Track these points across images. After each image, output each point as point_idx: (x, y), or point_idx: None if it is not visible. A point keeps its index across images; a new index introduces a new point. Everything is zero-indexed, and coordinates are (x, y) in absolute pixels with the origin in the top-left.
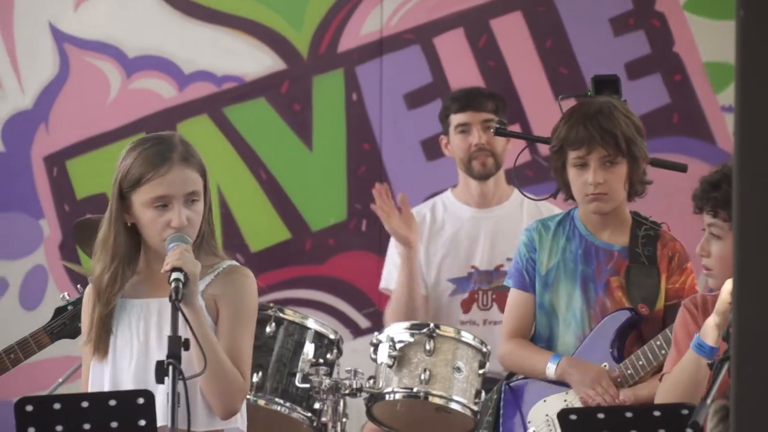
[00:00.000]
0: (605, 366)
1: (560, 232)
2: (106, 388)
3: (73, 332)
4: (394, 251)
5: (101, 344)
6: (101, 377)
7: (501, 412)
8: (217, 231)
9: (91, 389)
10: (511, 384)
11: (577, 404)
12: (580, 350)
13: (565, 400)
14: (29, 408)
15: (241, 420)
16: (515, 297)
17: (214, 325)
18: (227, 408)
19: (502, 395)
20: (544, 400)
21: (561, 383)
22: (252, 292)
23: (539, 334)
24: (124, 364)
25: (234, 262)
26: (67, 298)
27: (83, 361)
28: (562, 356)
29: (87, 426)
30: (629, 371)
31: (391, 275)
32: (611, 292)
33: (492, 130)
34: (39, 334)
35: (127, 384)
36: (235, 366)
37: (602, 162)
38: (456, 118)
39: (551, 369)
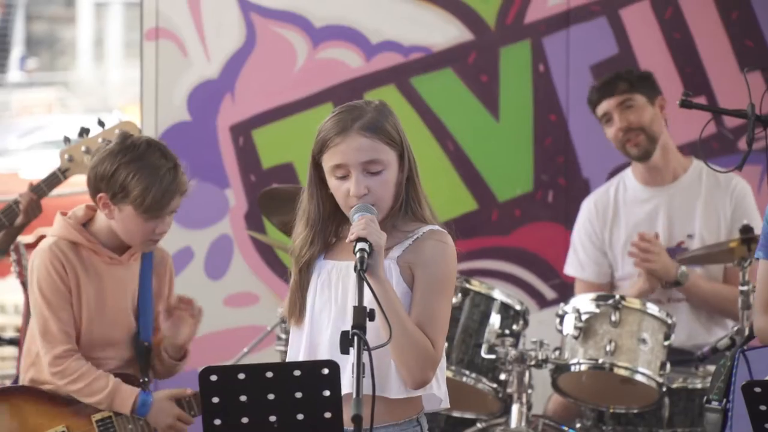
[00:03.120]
0: None
1: None
2: (302, 352)
3: None
4: (578, 237)
5: (295, 310)
6: (299, 342)
7: (732, 379)
8: None
9: (289, 354)
10: (745, 351)
11: None
12: None
13: None
14: (213, 378)
15: (436, 386)
16: (763, 269)
17: (410, 291)
18: (416, 378)
19: (735, 362)
20: None
21: None
22: (448, 257)
23: None
24: (322, 326)
25: (435, 227)
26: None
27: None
28: None
29: (271, 396)
30: None
31: (571, 261)
32: None
33: (678, 102)
34: None
35: (323, 347)
36: (427, 334)
37: None
38: (599, 111)
39: None
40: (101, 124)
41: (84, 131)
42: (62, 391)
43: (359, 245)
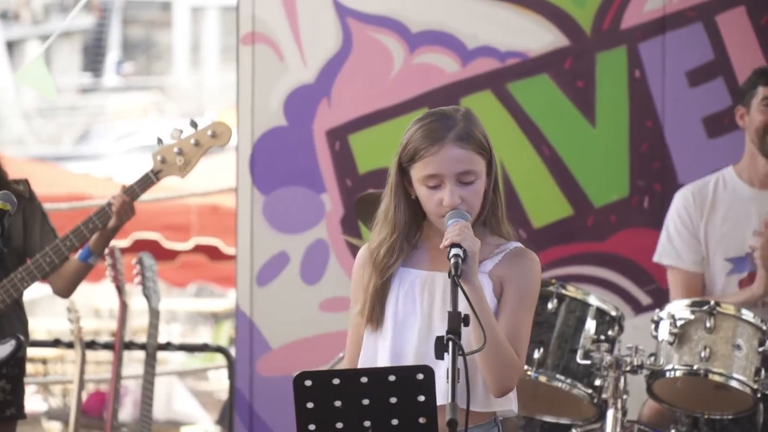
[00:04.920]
0: None
1: None
2: (385, 359)
3: None
4: (672, 225)
5: (374, 315)
6: (374, 348)
7: None
8: None
9: (363, 360)
10: None
11: None
12: None
13: None
14: (308, 383)
15: (515, 402)
16: None
17: (497, 303)
18: (502, 385)
19: None
20: None
21: None
22: (537, 276)
23: None
24: (407, 335)
25: (520, 244)
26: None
27: (352, 331)
28: None
29: (366, 401)
30: None
31: (665, 249)
32: None
33: None
34: None
35: (409, 356)
36: (512, 345)
37: None
38: (760, 92)
39: None
40: (194, 125)
41: (176, 133)
42: None
43: (453, 251)
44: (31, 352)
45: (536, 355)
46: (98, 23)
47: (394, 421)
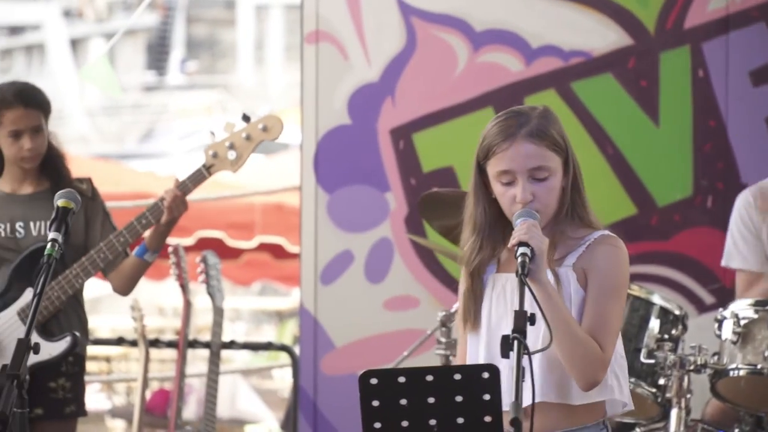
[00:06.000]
0: None
1: None
2: (481, 360)
3: None
4: (736, 228)
5: (469, 315)
6: (475, 348)
7: None
8: None
9: (467, 358)
10: None
11: None
12: None
13: None
14: (374, 381)
15: (618, 390)
16: None
17: (584, 295)
18: (585, 379)
19: None
20: None
21: None
22: (621, 261)
23: None
24: (499, 337)
25: (606, 232)
26: None
27: (460, 348)
28: None
29: (431, 400)
30: None
31: (731, 253)
32: None
33: None
34: None
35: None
36: (596, 337)
37: None
38: None
39: None
40: (246, 119)
41: (228, 127)
42: None
43: (521, 250)
44: (94, 350)
45: None
46: (162, 21)
47: (460, 420)
